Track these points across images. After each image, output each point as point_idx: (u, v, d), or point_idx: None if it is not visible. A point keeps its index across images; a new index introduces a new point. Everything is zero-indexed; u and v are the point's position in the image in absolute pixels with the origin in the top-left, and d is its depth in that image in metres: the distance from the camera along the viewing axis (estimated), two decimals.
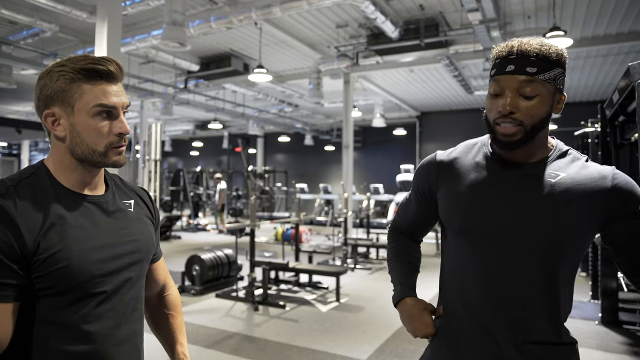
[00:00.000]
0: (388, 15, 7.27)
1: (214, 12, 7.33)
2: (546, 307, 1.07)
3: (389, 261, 1.38)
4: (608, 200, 1.04)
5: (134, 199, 1.16)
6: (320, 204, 16.61)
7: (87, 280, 0.96)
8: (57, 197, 0.98)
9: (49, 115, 0.99)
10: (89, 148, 0.99)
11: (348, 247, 8.12)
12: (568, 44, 6.26)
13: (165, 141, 22.46)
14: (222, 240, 11.04)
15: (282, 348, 4.00)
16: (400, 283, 1.29)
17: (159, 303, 1.31)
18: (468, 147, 1.23)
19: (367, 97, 13.95)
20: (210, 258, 6.04)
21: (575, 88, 12.49)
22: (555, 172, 1.09)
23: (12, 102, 15.17)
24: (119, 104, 1.01)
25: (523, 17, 7.83)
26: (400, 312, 1.26)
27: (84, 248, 0.96)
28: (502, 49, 1.08)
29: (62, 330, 0.95)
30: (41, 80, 1.00)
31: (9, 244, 0.88)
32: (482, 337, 1.09)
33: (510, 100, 1.03)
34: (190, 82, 11.73)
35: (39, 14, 7.50)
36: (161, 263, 1.30)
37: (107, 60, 1.00)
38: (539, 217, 1.05)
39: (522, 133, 1.04)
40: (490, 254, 1.09)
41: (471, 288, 1.12)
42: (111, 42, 5.22)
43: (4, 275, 0.88)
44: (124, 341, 1.04)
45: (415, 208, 1.32)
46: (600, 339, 4.30)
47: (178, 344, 1.27)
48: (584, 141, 6.65)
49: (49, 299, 0.94)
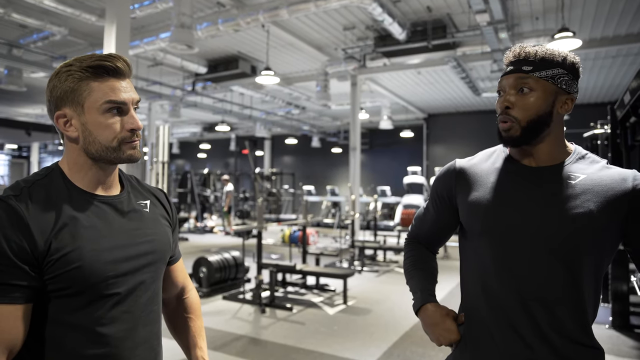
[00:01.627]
0: (395, 17, 7.26)
1: (221, 14, 7.36)
2: (573, 308, 1.06)
3: (406, 271, 1.36)
4: (629, 202, 1.05)
5: (150, 199, 1.14)
6: (327, 206, 16.60)
7: (100, 282, 0.95)
8: (70, 198, 0.97)
9: (60, 116, 0.99)
10: (102, 145, 0.98)
11: (355, 250, 8.10)
12: (577, 45, 6.20)
13: (173, 143, 22.57)
14: (230, 242, 11.05)
15: (289, 351, 3.99)
16: (420, 290, 1.26)
17: (177, 306, 1.29)
18: (487, 154, 1.26)
19: (374, 99, 13.93)
20: (217, 260, 6.05)
21: (584, 89, 12.40)
22: (575, 174, 1.10)
23: (22, 105, 15.32)
24: (129, 99, 1.00)
25: (531, 18, 7.78)
26: (422, 320, 1.23)
27: (96, 248, 0.95)
28: (508, 55, 1.15)
29: (76, 332, 0.94)
30: (51, 82, 0.99)
31: (20, 245, 0.88)
32: (511, 339, 1.08)
33: (506, 97, 1.10)
34: (197, 85, 11.79)
35: (49, 18, 7.57)
36: (180, 265, 1.27)
37: (114, 57, 0.99)
38: (560, 218, 1.06)
39: (518, 129, 1.09)
40: (513, 256, 1.09)
41: (496, 290, 1.11)
42: (120, 45, 5.26)
43: (14, 277, 0.88)
44: (140, 344, 1.02)
45: (435, 216, 1.31)
46: (611, 343, 4.25)
47: (197, 348, 1.23)
48: (593, 143, 6.58)
49: (62, 301, 0.93)
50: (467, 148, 14.59)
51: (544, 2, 7.12)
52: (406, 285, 1.36)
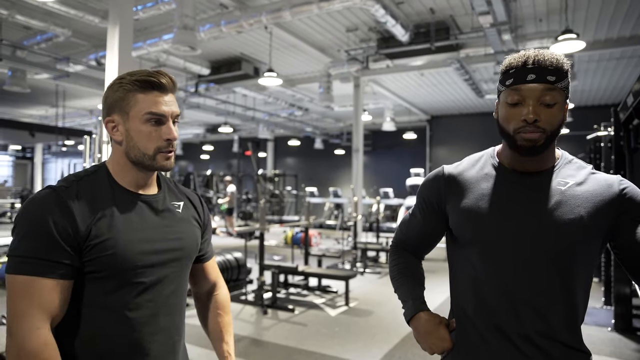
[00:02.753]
0: (398, 18, 7.25)
1: (224, 16, 7.37)
2: (566, 313, 1.09)
3: (393, 279, 1.35)
4: (616, 206, 1.09)
5: (183, 201, 1.26)
6: (330, 208, 16.59)
7: (129, 269, 1.07)
8: (112, 194, 1.11)
9: (109, 121, 1.13)
10: (140, 152, 1.11)
11: (357, 251, 8.09)
12: (580, 47, 6.18)
13: (176, 145, 22.61)
14: (232, 243, 11.06)
15: (291, 352, 3.98)
16: (412, 299, 1.26)
17: (208, 301, 1.38)
18: (474, 160, 1.26)
19: (377, 100, 13.92)
20: (219, 261, 6.04)
21: (588, 92, 12.35)
22: (564, 180, 1.13)
23: (26, 106, 15.38)
24: (168, 112, 1.12)
25: (535, 20, 7.76)
26: (415, 329, 1.23)
27: (129, 239, 1.07)
28: (516, 59, 1.10)
29: (106, 312, 1.06)
30: (105, 92, 1.14)
31: (66, 229, 1.01)
32: (503, 344, 1.10)
33: (534, 109, 1.06)
34: (200, 86, 11.81)
35: (52, 19, 7.59)
36: (212, 262, 1.39)
37: (161, 74, 1.12)
38: (553, 224, 1.08)
39: (544, 139, 1.07)
40: (505, 263, 1.10)
41: (487, 296, 1.12)
42: (122, 47, 5.26)
43: (59, 256, 1.01)
44: (159, 331, 1.13)
45: (422, 222, 1.30)
46: (614, 346, 4.23)
47: (224, 342, 1.33)
48: (597, 145, 6.56)
49: (95, 282, 1.06)
50: (470, 150, 14.38)
51: (547, 3, 7.11)
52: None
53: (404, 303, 1.28)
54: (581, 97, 12.99)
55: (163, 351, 1.14)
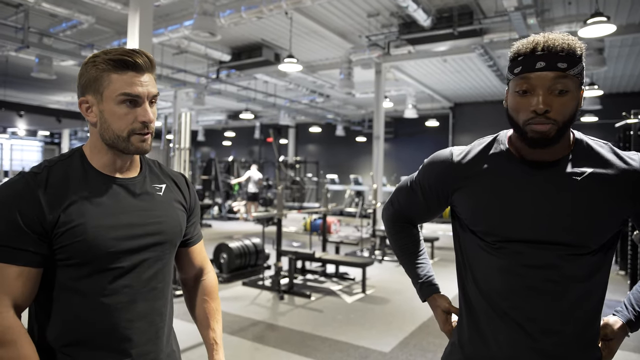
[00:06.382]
0: (420, 3, 7.10)
1: (244, 1, 7.34)
2: (580, 303, 1.07)
3: (399, 255, 1.39)
4: (636, 184, 1.04)
5: (166, 183, 1.22)
6: (350, 195, 16.55)
7: (102, 256, 1.04)
8: (85, 178, 1.07)
9: (83, 102, 1.09)
10: (114, 134, 1.06)
11: (376, 239, 8.06)
12: (611, 30, 5.94)
13: (199, 131, 22.81)
14: (252, 229, 11.16)
15: (305, 338, 4.01)
16: (420, 282, 1.35)
17: (195, 287, 1.34)
18: (484, 146, 1.19)
19: (399, 87, 13.73)
20: (237, 246, 6.11)
21: (619, 78, 11.92)
22: (580, 169, 1.07)
23: (52, 93, 15.73)
24: (144, 93, 1.07)
25: (563, 2, 7.49)
26: (431, 308, 1.36)
27: (100, 225, 1.04)
28: (524, 45, 1.03)
29: (80, 297, 1.04)
30: (80, 71, 1.09)
31: (31, 216, 0.99)
32: (513, 330, 1.09)
33: (544, 99, 1.00)
34: (222, 72, 11.84)
35: (77, 7, 7.70)
36: (199, 247, 1.34)
37: (136, 52, 1.06)
38: (566, 215, 1.04)
39: (555, 130, 1.01)
40: (518, 253, 1.08)
41: (497, 284, 1.11)
42: (143, 33, 5.30)
43: (21, 242, 0.99)
44: (138, 318, 1.09)
45: (423, 202, 1.29)
46: (638, 340, 4.12)
47: (210, 329, 1.29)
48: (626, 134, 6.34)
49: (69, 269, 1.03)
50: None
51: None
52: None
53: (413, 283, 1.37)
54: (612, 83, 12.55)
55: (144, 338, 1.10)
